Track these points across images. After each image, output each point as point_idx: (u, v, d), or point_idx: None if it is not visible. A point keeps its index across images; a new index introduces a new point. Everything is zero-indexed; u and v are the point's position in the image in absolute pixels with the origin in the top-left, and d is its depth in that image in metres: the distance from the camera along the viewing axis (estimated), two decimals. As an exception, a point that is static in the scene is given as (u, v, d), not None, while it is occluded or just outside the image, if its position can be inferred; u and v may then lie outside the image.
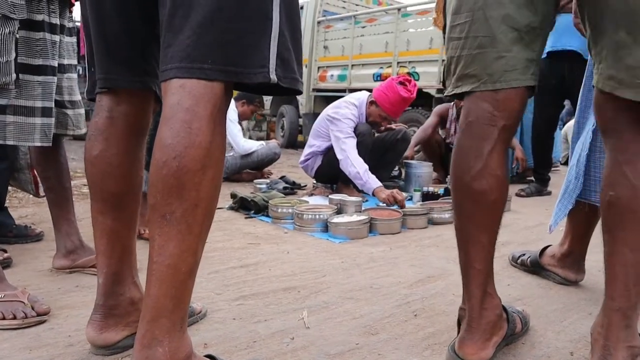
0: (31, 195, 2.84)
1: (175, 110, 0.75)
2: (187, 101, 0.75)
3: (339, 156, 2.93)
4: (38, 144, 1.41)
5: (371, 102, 3.13)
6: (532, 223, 2.62)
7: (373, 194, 2.80)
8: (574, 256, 1.56)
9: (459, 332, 1.12)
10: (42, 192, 1.83)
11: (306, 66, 7.14)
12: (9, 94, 1.33)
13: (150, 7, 0.87)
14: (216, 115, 0.78)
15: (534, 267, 1.67)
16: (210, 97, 0.77)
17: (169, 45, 0.78)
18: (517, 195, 3.49)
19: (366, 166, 2.87)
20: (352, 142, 2.94)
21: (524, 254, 1.74)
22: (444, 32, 1.09)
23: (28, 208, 2.54)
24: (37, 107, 1.39)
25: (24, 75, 1.35)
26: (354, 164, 2.85)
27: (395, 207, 2.58)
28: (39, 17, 1.36)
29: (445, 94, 1.09)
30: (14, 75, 1.31)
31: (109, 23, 0.93)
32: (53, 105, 1.43)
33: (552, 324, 1.27)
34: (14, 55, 1.30)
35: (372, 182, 2.81)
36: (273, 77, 0.79)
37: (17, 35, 1.31)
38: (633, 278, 0.89)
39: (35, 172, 1.84)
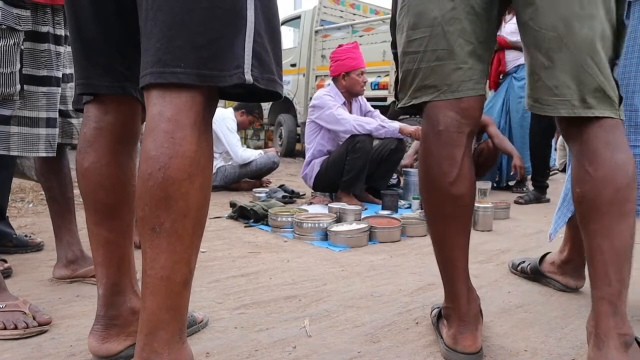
0: (30, 205, 2.86)
1: (158, 121, 0.74)
2: (168, 111, 0.74)
3: (346, 127, 3.07)
4: (43, 154, 1.42)
5: (342, 78, 3.31)
6: (531, 230, 2.63)
7: (400, 132, 3.12)
8: (573, 263, 1.57)
9: (438, 331, 1.18)
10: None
11: (304, 75, 7.16)
12: (14, 105, 1.34)
13: (128, 12, 0.85)
14: (200, 124, 0.76)
15: (534, 274, 1.68)
16: (191, 105, 0.75)
17: (145, 51, 0.76)
18: (516, 202, 3.49)
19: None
20: (343, 109, 3.15)
21: (523, 261, 1.74)
22: (392, 48, 1.15)
23: (27, 218, 2.54)
24: (42, 117, 1.40)
25: (28, 86, 1.36)
26: (364, 122, 3.10)
27: (395, 215, 2.58)
28: (44, 29, 1.38)
29: (399, 106, 1.12)
30: (18, 86, 1.32)
31: (85, 26, 0.91)
32: (57, 116, 1.44)
33: (553, 331, 1.28)
34: (18, 66, 1.31)
35: (392, 124, 3.16)
36: (248, 77, 0.76)
37: (23, 47, 1.32)
38: (611, 265, 0.93)
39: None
